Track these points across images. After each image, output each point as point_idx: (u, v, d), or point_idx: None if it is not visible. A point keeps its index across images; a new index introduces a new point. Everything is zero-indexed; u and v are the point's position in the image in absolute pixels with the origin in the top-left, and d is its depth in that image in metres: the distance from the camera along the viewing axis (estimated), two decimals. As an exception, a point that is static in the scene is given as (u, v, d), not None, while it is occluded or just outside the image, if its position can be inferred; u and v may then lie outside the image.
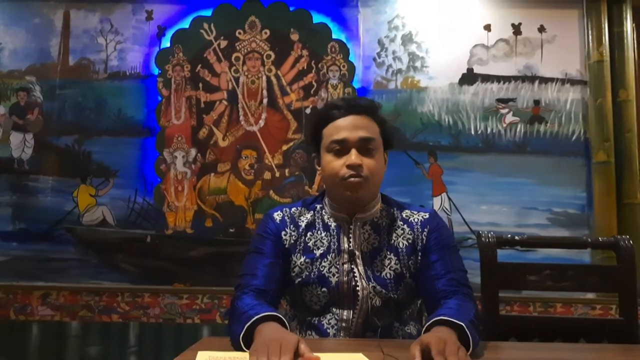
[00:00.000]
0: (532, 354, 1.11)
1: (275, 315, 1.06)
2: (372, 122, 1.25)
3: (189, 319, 2.52)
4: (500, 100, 2.68)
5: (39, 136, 2.66)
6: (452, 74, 2.69)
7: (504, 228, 2.54)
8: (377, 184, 1.25)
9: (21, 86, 2.69)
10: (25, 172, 2.63)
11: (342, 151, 1.22)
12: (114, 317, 2.53)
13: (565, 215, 2.59)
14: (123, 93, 2.67)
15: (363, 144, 1.22)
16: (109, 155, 2.63)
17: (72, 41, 2.71)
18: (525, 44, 2.72)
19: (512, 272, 1.49)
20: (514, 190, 2.60)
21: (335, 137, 1.22)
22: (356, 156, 1.20)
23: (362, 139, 1.22)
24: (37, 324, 2.52)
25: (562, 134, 2.65)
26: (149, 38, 2.72)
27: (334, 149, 1.23)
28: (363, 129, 1.23)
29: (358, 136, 1.21)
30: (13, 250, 2.58)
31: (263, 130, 2.65)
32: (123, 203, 2.61)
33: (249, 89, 2.68)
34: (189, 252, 2.57)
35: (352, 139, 1.21)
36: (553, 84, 2.68)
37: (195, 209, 2.61)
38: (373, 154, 1.22)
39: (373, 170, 1.22)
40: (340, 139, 1.22)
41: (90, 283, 2.55)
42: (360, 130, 1.22)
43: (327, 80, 2.67)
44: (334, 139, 1.23)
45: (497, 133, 2.65)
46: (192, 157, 2.64)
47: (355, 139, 1.21)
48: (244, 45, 2.70)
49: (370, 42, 2.71)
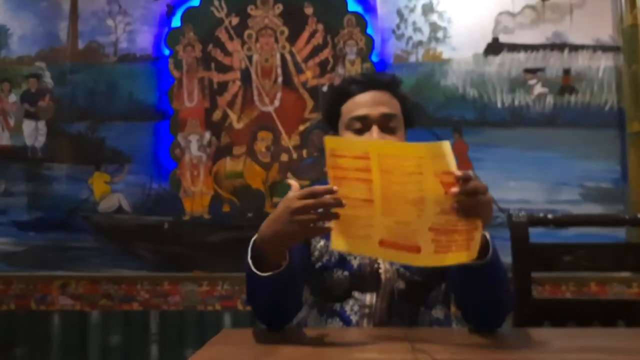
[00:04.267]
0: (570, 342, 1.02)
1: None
2: (393, 99, 1.20)
3: (210, 306, 2.50)
4: (527, 71, 2.57)
5: (51, 123, 2.63)
6: (476, 44, 2.58)
7: (534, 205, 2.46)
8: None
9: (31, 72, 2.65)
10: (39, 160, 2.61)
11: (363, 129, 1.17)
12: (134, 306, 2.51)
13: (599, 190, 2.50)
14: (134, 76, 2.62)
15: (385, 120, 1.16)
16: (122, 140, 2.60)
17: (81, 24, 2.66)
18: (554, 9, 2.59)
19: (544, 252, 1.42)
20: (544, 166, 2.51)
21: (355, 114, 1.17)
22: (378, 134, 1.14)
23: (383, 116, 1.16)
24: (58, 314, 2.52)
25: (594, 104, 2.54)
26: (158, 17, 2.65)
27: (354, 126, 1.17)
28: (384, 104, 1.18)
29: (380, 112, 1.16)
30: (31, 239, 2.57)
31: (278, 110, 2.58)
32: (138, 189, 2.58)
33: (262, 67, 2.60)
34: (207, 238, 2.54)
35: (373, 116, 1.16)
36: (584, 51, 2.56)
37: (212, 193, 2.57)
38: (395, 131, 1.17)
39: None
40: (361, 116, 1.17)
41: (109, 271, 2.53)
42: (382, 106, 1.17)
43: (344, 56, 2.58)
44: (353, 116, 1.17)
45: (525, 105, 2.55)
46: (206, 141, 2.58)
47: (377, 115, 1.16)
48: (257, 21, 2.62)
49: (388, 14, 2.60)
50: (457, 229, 0.88)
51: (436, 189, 0.87)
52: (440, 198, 0.87)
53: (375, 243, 0.94)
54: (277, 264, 0.99)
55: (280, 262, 0.99)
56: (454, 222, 0.88)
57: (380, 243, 0.94)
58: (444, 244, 0.89)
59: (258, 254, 1.00)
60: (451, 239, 0.89)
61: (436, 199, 0.87)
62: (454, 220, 0.88)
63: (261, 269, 0.98)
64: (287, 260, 0.99)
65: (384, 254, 0.99)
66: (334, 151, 0.94)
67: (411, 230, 0.90)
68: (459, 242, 0.89)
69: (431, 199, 0.88)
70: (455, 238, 0.89)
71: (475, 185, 0.88)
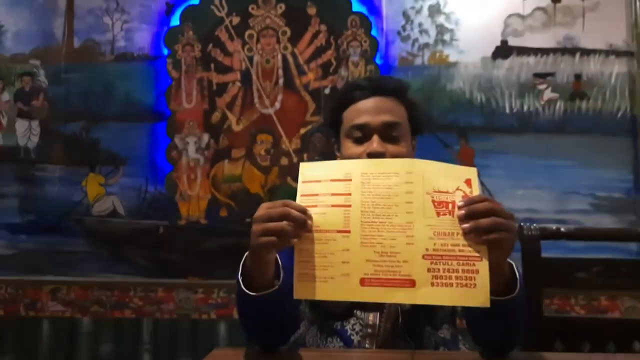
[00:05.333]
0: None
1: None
2: (398, 105, 1.15)
3: (204, 315, 2.44)
4: (537, 75, 2.50)
5: (44, 123, 2.57)
6: (485, 47, 2.51)
7: (543, 215, 2.39)
8: None
9: (25, 70, 2.59)
10: (32, 161, 2.56)
11: (363, 138, 1.11)
12: (126, 313, 2.46)
13: (610, 200, 2.42)
14: (131, 76, 2.56)
15: (387, 129, 1.11)
16: (117, 142, 2.54)
17: (77, 22, 2.60)
18: (565, 12, 2.52)
19: (557, 267, 1.34)
20: (553, 174, 2.44)
21: (355, 122, 1.12)
22: (378, 143, 1.08)
23: (385, 124, 1.11)
24: (48, 320, 2.47)
25: (605, 111, 2.47)
26: (156, 16, 2.59)
27: (354, 135, 1.12)
28: (387, 112, 1.12)
29: (381, 121, 1.11)
30: (22, 243, 2.52)
31: (279, 112, 2.52)
32: (133, 192, 2.52)
33: (263, 68, 2.54)
34: (203, 244, 2.47)
35: (374, 124, 1.10)
36: (596, 56, 2.49)
37: (209, 197, 2.50)
38: (398, 141, 1.11)
39: None
40: (361, 124, 1.11)
41: (102, 276, 2.48)
42: (384, 114, 1.11)
43: (348, 57, 2.52)
44: (354, 124, 1.12)
45: (534, 111, 2.48)
46: (204, 143, 2.52)
47: (378, 124, 1.10)
48: (258, 21, 2.56)
49: (394, 15, 2.54)
50: (456, 254, 0.78)
51: (427, 210, 0.78)
52: (432, 220, 0.78)
53: (354, 283, 0.81)
54: (269, 282, 0.91)
55: (273, 281, 0.91)
56: (450, 245, 0.78)
57: (361, 282, 0.81)
58: (442, 274, 0.78)
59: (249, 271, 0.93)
60: (450, 267, 0.78)
61: (427, 222, 0.79)
62: (451, 243, 0.78)
63: (252, 288, 0.92)
64: (279, 279, 0.92)
65: (368, 295, 0.82)
66: (308, 177, 0.87)
67: (400, 261, 0.79)
68: (459, 273, 0.78)
69: (422, 222, 0.79)
70: (455, 267, 0.78)
71: (489, 207, 0.80)
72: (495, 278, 0.82)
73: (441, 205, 0.78)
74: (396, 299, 0.83)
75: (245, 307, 0.98)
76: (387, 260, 0.80)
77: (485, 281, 0.77)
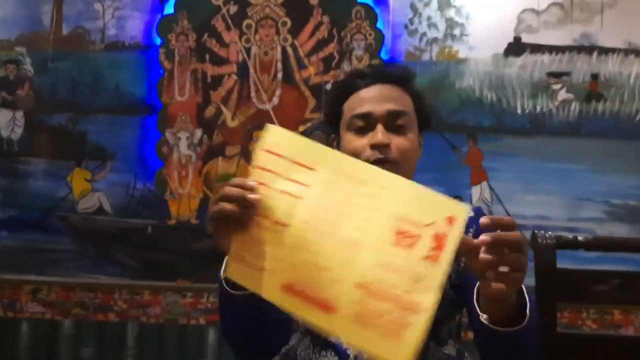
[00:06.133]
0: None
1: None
2: (404, 94, 1.09)
3: (193, 320, 2.39)
4: (551, 75, 2.46)
5: (29, 114, 2.51)
6: (496, 44, 2.47)
7: (554, 222, 2.35)
8: (410, 169, 1.06)
9: (10, 58, 2.52)
10: (15, 153, 2.50)
11: (366, 128, 1.04)
12: (110, 316, 2.40)
13: (626, 208, 2.38)
14: (121, 66, 2.51)
15: (392, 118, 1.04)
16: (105, 135, 2.49)
17: (66, 7, 2.54)
18: (583, 8, 2.47)
19: (573, 280, 1.23)
20: (566, 179, 2.40)
21: (357, 111, 1.05)
22: (382, 134, 1.02)
23: (390, 113, 1.04)
24: (27, 322, 2.41)
25: (623, 114, 2.43)
26: (150, 3, 2.53)
27: (356, 125, 1.05)
28: (392, 100, 1.06)
29: (385, 109, 1.04)
30: (2, 239, 2.45)
31: (277, 108, 2.47)
32: (121, 189, 2.47)
33: (261, 61, 2.48)
34: (193, 245, 2.41)
35: (377, 113, 1.04)
36: (614, 55, 2.45)
37: (201, 196, 2.45)
38: (405, 131, 1.05)
39: (404, 152, 1.04)
40: (363, 113, 1.05)
41: (86, 277, 2.42)
42: (389, 102, 1.05)
43: (351, 51, 2.47)
44: (355, 113, 1.06)
45: (548, 112, 2.44)
46: (197, 139, 2.46)
47: (382, 112, 1.04)
48: (257, 10, 2.50)
49: (401, 7, 2.49)
50: (397, 294, 0.67)
51: (384, 235, 0.68)
52: (384, 247, 0.68)
53: (277, 285, 0.73)
54: None
55: None
56: (393, 283, 0.67)
57: (283, 287, 0.72)
58: (370, 311, 0.67)
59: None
60: (382, 308, 0.67)
61: (378, 247, 0.68)
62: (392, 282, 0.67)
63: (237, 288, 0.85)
64: None
65: (286, 304, 0.74)
66: (272, 146, 0.76)
67: (329, 279, 0.69)
68: (390, 318, 0.67)
69: (371, 246, 0.68)
70: (389, 309, 0.67)
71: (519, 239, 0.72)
72: (502, 307, 0.78)
73: (403, 235, 0.68)
74: (311, 319, 0.73)
75: (230, 311, 0.93)
76: (315, 273, 0.70)
77: (413, 339, 0.66)
